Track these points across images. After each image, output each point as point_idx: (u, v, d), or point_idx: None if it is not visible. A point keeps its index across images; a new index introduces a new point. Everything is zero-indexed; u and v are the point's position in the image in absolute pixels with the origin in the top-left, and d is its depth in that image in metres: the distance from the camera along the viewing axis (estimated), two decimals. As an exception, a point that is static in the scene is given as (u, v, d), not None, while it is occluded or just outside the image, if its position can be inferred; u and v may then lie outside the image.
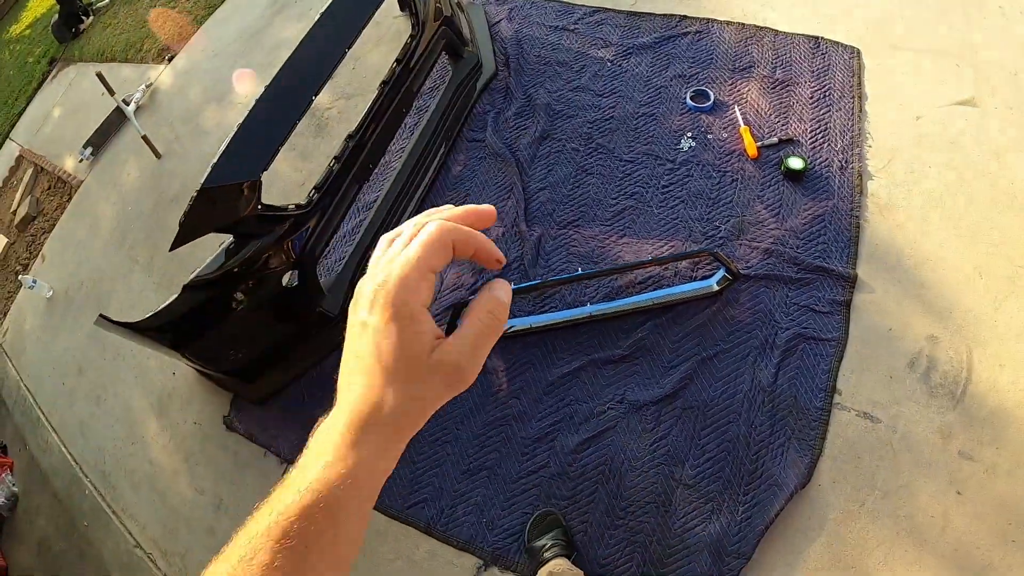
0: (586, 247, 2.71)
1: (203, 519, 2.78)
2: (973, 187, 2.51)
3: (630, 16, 3.41)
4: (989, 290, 2.31)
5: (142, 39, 5.19)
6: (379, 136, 2.76)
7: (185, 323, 2.48)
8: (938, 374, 2.21)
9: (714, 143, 2.85)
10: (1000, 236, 2.39)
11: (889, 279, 2.41)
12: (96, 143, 4.59)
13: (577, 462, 2.32)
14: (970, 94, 2.72)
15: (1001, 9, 2.93)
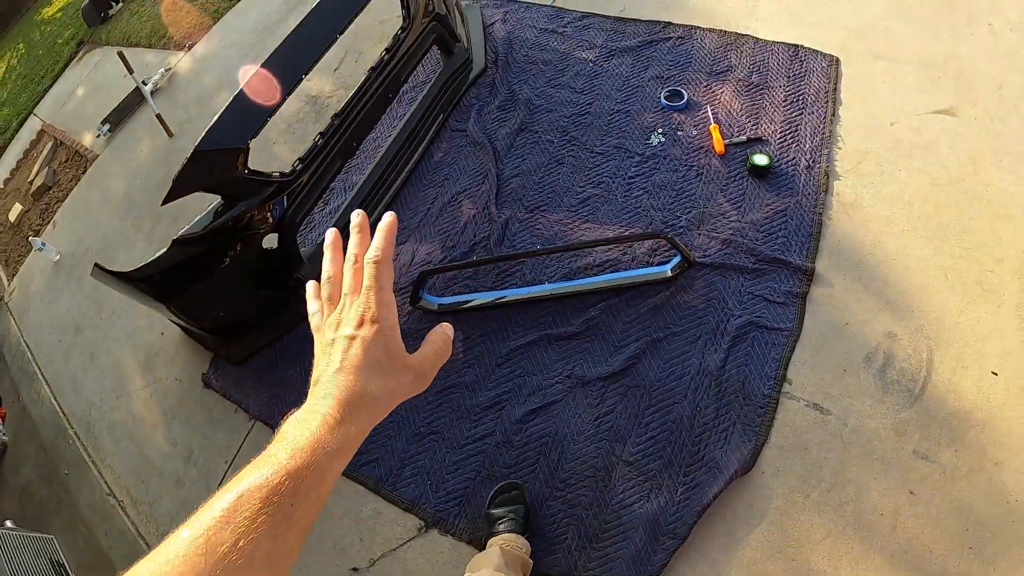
0: (550, 230, 2.83)
1: (173, 470, 2.91)
2: (945, 192, 2.56)
3: (616, 21, 3.56)
4: (955, 292, 2.33)
5: (166, 27, 5.45)
6: (364, 117, 2.92)
7: (172, 276, 2.63)
8: (895, 371, 2.22)
9: (683, 139, 2.96)
10: (971, 240, 2.42)
11: (849, 275, 2.46)
12: (114, 121, 4.82)
13: (522, 432, 2.40)
14: (950, 104, 2.79)
15: (990, 25, 3.01)
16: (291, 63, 2.71)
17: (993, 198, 2.51)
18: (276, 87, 2.65)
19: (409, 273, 2.88)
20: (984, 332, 2.23)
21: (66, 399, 3.52)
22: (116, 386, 3.36)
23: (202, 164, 2.46)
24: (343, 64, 4.00)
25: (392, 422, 2.56)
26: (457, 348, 2.62)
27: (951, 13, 3.10)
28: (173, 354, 3.28)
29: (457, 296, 2.73)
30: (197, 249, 2.60)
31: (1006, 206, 2.48)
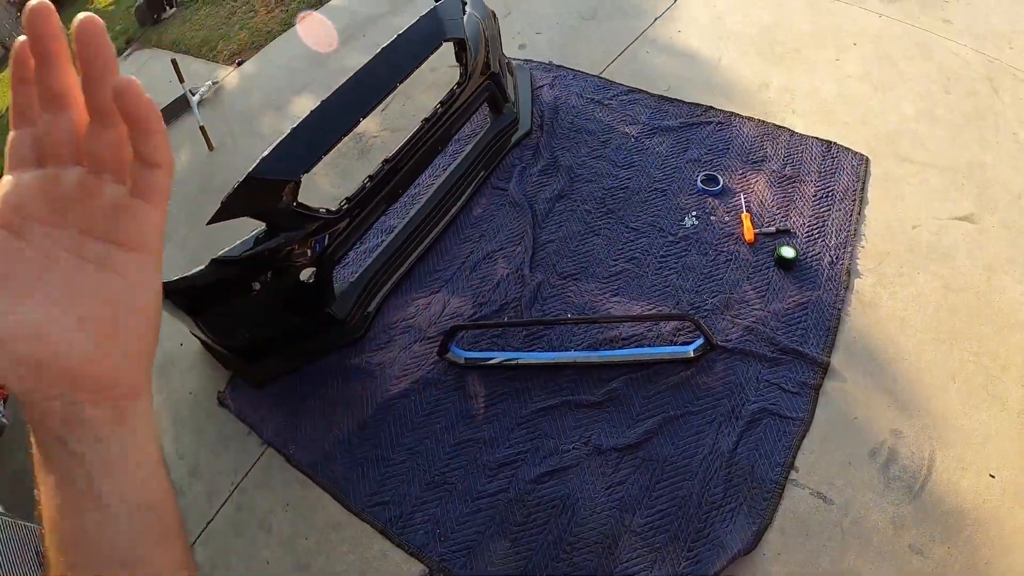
0: (581, 299, 2.92)
1: (176, 481, 2.88)
2: (959, 298, 2.67)
3: (660, 99, 3.72)
4: (961, 395, 2.42)
5: (218, 39, 5.57)
6: (412, 165, 3.03)
7: (206, 293, 2.69)
8: (898, 467, 2.30)
9: (715, 224, 3.07)
10: (979, 347, 2.52)
11: (862, 371, 2.54)
12: (155, 124, 4.91)
13: (535, 492, 2.46)
14: (970, 211, 2.92)
15: (1015, 135, 3.18)
16: (353, 103, 2.84)
17: (1004, 306, 2.62)
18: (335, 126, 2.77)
19: (439, 323, 2.96)
20: (985, 435, 2.32)
21: (71, 386, 3.52)
22: (126, 388, 3.38)
23: (253, 191, 2.55)
24: (390, 106, 4.12)
25: (407, 468, 2.61)
26: (479, 404, 2.70)
27: (979, 121, 3.28)
28: (190, 366, 3.31)
29: (483, 352, 2.80)
30: (234, 271, 2.66)
31: (1016, 315, 2.60)
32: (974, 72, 3.57)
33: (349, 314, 2.99)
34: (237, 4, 5.93)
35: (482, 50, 3.22)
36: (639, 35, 4.21)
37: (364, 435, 2.73)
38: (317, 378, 2.98)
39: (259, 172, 2.54)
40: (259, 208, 2.62)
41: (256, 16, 5.66)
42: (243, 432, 2.95)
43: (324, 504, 2.63)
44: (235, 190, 2.51)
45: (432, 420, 2.70)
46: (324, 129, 2.74)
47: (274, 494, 2.72)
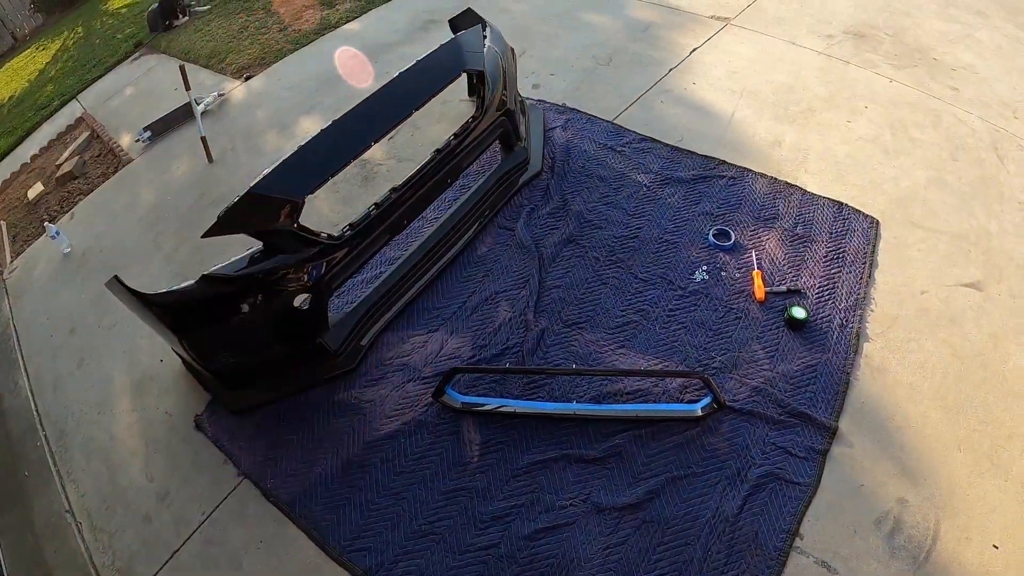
0: (585, 349, 2.83)
1: (143, 505, 2.78)
2: (966, 365, 2.65)
3: (674, 150, 3.70)
4: (967, 464, 2.38)
5: (228, 52, 5.54)
6: (420, 196, 2.97)
7: (192, 310, 2.57)
8: (903, 536, 2.25)
9: (726, 280, 3.02)
10: (986, 415, 2.50)
11: (870, 437, 2.49)
12: (156, 130, 4.84)
13: (528, 549, 2.34)
14: (977, 278, 2.93)
15: (1020, 204, 3.22)
16: (363, 127, 2.77)
17: (1009, 375, 2.60)
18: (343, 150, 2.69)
19: (435, 363, 2.86)
20: (990, 506, 2.28)
21: (44, 398, 3.39)
22: (100, 401, 3.24)
23: (254, 207, 2.46)
24: (398, 135, 4.07)
25: (392, 513, 2.48)
26: (473, 452, 2.58)
27: (985, 189, 3.31)
28: (169, 385, 3.18)
29: (481, 397, 2.69)
30: (225, 290, 2.55)
31: (1021, 384, 2.58)
32: (980, 141, 3.63)
33: (341, 346, 2.88)
34: (250, 19, 5.91)
35: (500, 85, 3.18)
36: (654, 84, 4.22)
37: (348, 475, 2.60)
38: (302, 410, 2.85)
39: (261, 188, 2.46)
40: (258, 226, 2.53)
41: (268, 33, 5.64)
42: (219, 460, 2.82)
43: (300, 545, 2.49)
44: (234, 205, 2.42)
45: (422, 465, 2.58)
46: (333, 151, 2.67)
47: (248, 529, 2.57)
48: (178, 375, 3.19)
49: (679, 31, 4.74)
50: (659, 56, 4.48)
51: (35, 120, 5.99)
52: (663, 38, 4.69)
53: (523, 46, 4.71)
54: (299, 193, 2.52)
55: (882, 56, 4.31)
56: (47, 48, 7.92)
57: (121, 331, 3.50)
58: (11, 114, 6.67)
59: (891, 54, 4.32)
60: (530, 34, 4.90)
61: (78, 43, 7.44)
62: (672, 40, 4.65)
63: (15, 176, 5.41)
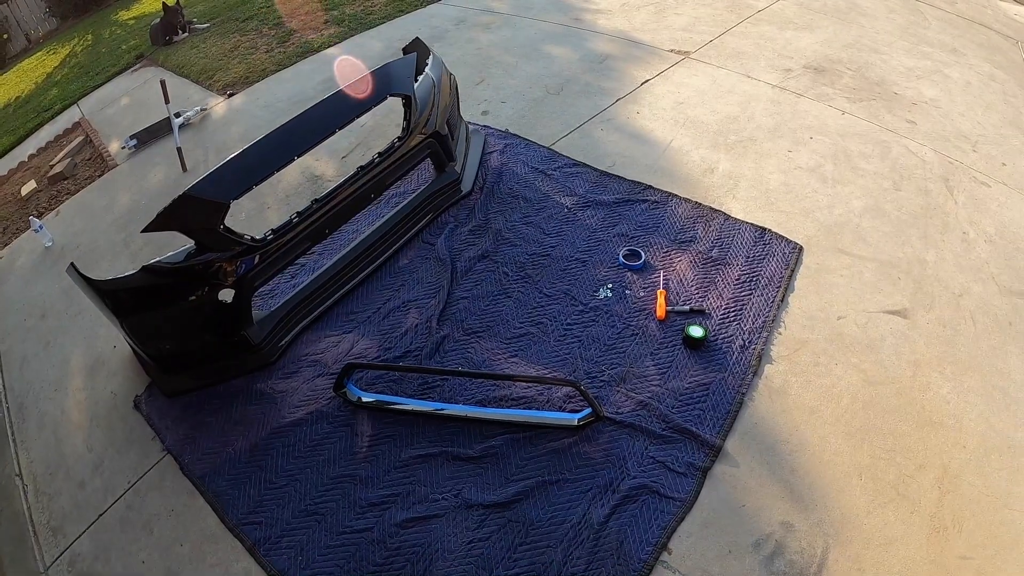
0: (480, 356, 3.06)
1: (80, 472, 3.06)
2: (877, 391, 2.63)
3: (603, 175, 3.92)
4: (867, 492, 2.33)
5: (216, 69, 5.92)
6: (341, 208, 3.25)
7: (132, 297, 2.88)
8: (784, 562, 2.19)
9: (629, 299, 3.16)
10: (895, 443, 2.46)
11: (758, 459, 2.47)
12: (142, 139, 5.21)
13: (398, 535, 2.50)
14: (904, 306, 2.93)
15: (964, 235, 3.24)
16: (293, 141, 3.05)
17: (928, 404, 2.58)
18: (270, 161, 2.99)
19: (344, 360, 3.13)
20: (889, 537, 2.22)
21: (11, 374, 3.72)
22: (58, 379, 3.56)
23: (186, 208, 2.76)
24: (351, 153, 4.37)
25: (284, 494, 2.73)
26: (363, 443, 2.83)
27: (927, 219, 3.36)
28: (117, 368, 3.49)
29: (378, 395, 2.95)
30: (161, 281, 2.85)
31: (939, 414, 2.55)
32: (930, 172, 3.70)
33: (263, 341, 3.17)
34: (243, 39, 6.30)
35: (428, 110, 3.46)
36: (598, 113, 4.47)
37: (254, 456, 2.87)
38: (224, 397, 3.13)
39: (194, 191, 2.76)
40: (189, 225, 2.82)
41: (256, 53, 6.01)
42: (149, 437, 3.09)
43: (205, 516, 2.74)
44: (170, 205, 2.72)
45: (317, 451, 2.83)
46: (260, 161, 2.96)
47: (163, 499, 2.85)
48: (126, 360, 3.49)
49: (635, 63, 4.98)
50: (609, 87, 4.73)
51: (37, 121, 6.41)
52: (618, 69, 4.94)
53: (482, 75, 5.02)
54: (226, 196, 2.82)
55: (839, 90, 4.42)
56: (57, 52, 8.38)
57: (84, 319, 3.83)
58: (16, 114, 7.11)
59: (849, 88, 4.44)
60: (490, 64, 5.21)
61: (86, 50, 7.89)
62: (626, 72, 4.89)
63: (12, 173, 5.81)
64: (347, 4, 6.55)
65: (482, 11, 6.15)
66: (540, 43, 5.46)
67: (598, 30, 5.57)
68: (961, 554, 2.18)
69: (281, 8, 6.71)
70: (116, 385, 3.41)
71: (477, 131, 4.30)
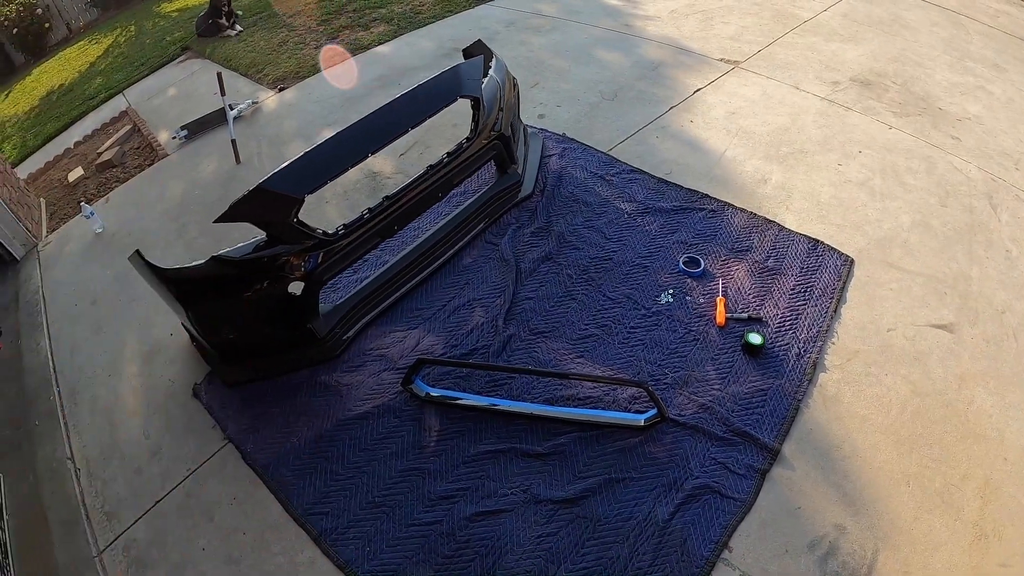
0: (546, 356, 3.06)
1: (137, 459, 3.07)
2: (925, 402, 2.67)
3: (660, 182, 3.94)
4: (914, 499, 2.39)
5: (266, 64, 5.96)
6: (411, 205, 3.26)
7: (200, 286, 2.89)
8: (837, 562, 2.25)
9: (690, 304, 3.20)
10: (941, 453, 2.51)
11: (813, 463, 2.53)
12: (192, 130, 5.23)
13: (467, 528, 2.53)
14: (950, 320, 2.97)
15: (1008, 252, 3.27)
16: (365, 138, 3.08)
17: (972, 417, 2.62)
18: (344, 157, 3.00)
19: (410, 356, 3.13)
20: (935, 542, 2.27)
21: (61, 358, 3.72)
22: (111, 365, 3.57)
23: (260, 201, 2.79)
24: (409, 152, 4.40)
25: (351, 485, 2.73)
26: (431, 437, 2.83)
27: (972, 235, 3.39)
28: (175, 356, 3.50)
29: (445, 390, 2.95)
30: (231, 271, 2.86)
31: (983, 426, 2.59)
32: (974, 189, 3.72)
33: (328, 334, 3.17)
34: (291, 35, 6.33)
35: (495, 112, 3.47)
36: (653, 120, 4.49)
37: (319, 447, 2.87)
38: (287, 388, 3.14)
39: (268, 185, 2.79)
40: (262, 217, 2.84)
41: (305, 49, 6.05)
42: (209, 425, 3.10)
43: (268, 505, 2.74)
44: (244, 197, 2.76)
45: (384, 444, 2.83)
46: (334, 158, 2.98)
47: (224, 487, 2.85)
48: (184, 348, 3.50)
49: (686, 72, 5.00)
50: (662, 94, 4.75)
51: (82, 109, 6.45)
52: (670, 77, 4.95)
53: (536, 78, 5.04)
54: (300, 191, 2.84)
55: (885, 104, 4.44)
56: (99, 42, 8.46)
57: (139, 306, 3.84)
58: (59, 101, 7.17)
59: (895, 102, 4.45)
60: (544, 68, 5.23)
61: (129, 41, 7.96)
62: (678, 80, 4.91)
63: (58, 159, 5.85)
64: (395, 3, 6.58)
65: (531, 14, 6.18)
66: (591, 48, 5.48)
67: (648, 36, 5.59)
68: (1001, 562, 2.24)
69: (329, 5, 6.74)
70: (174, 373, 3.41)
71: (535, 134, 4.31)
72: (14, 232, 4.63)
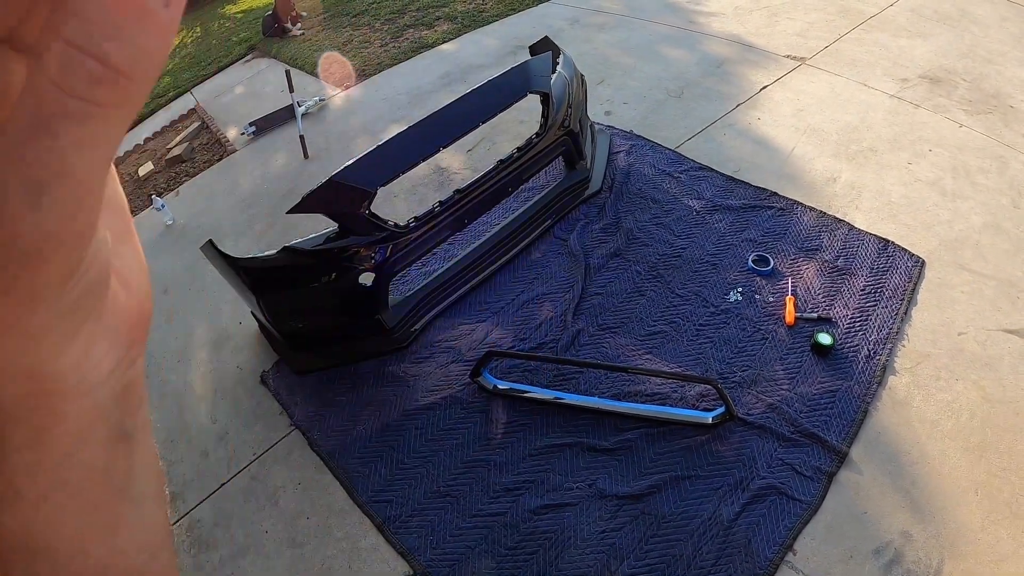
0: (615, 351, 3.02)
1: (204, 442, 3.12)
2: (995, 410, 2.59)
3: (728, 180, 3.86)
4: (982, 508, 2.32)
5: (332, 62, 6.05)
6: (482, 200, 3.25)
7: (272, 276, 2.93)
8: (902, 569, 2.21)
9: (759, 303, 3.14)
10: (1010, 462, 2.43)
11: (881, 468, 2.48)
12: (260, 126, 5.35)
13: (531, 521, 2.51)
14: (1022, 325, 2.87)
15: None
16: (435, 133, 3.08)
17: None
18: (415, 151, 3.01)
19: (478, 349, 3.12)
20: (1002, 553, 2.21)
21: (133, 344, 3.81)
22: (181, 351, 3.65)
23: (333, 193, 2.81)
24: (476, 148, 4.40)
25: (416, 474, 2.73)
26: (497, 430, 2.81)
27: None
28: (243, 344, 3.56)
29: (513, 383, 2.93)
30: (303, 261, 2.88)
31: None
32: None
33: (397, 325, 3.18)
34: (355, 34, 6.43)
35: (564, 107, 3.44)
36: (720, 117, 4.41)
37: (384, 436, 2.88)
38: (354, 378, 3.16)
39: (341, 177, 2.81)
40: (335, 209, 2.86)
41: (369, 47, 6.13)
42: (276, 412, 3.14)
43: (332, 491, 2.76)
44: (318, 188, 2.79)
45: (451, 435, 2.83)
46: (405, 151, 3.00)
47: (290, 472, 2.88)
48: (252, 337, 3.56)
49: (752, 68, 4.90)
50: (729, 91, 4.66)
51: (152, 107, 6.66)
52: (735, 74, 4.86)
53: (601, 75, 4.99)
54: (372, 184, 2.86)
55: (955, 101, 4.30)
56: (167, 44, 8.75)
57: (208, 295, 3.92)
58: (130, 99, 7.41)
59: (965, 99, 4.31)
60: (609, 64, 5.19)
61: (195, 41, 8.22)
62: (744, 76, 4.81)
63: (128, 155, 6.04)
64: (458, 2, 6.63)
65: (594, 11, 6.13)
66: (656, 44, 5.41)
67: (712, 33, 5.49)
68: None
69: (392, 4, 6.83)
70: (242, 360, 3.47)
71: (602, 131, 4.27)
72: (90, 222, 4.78)
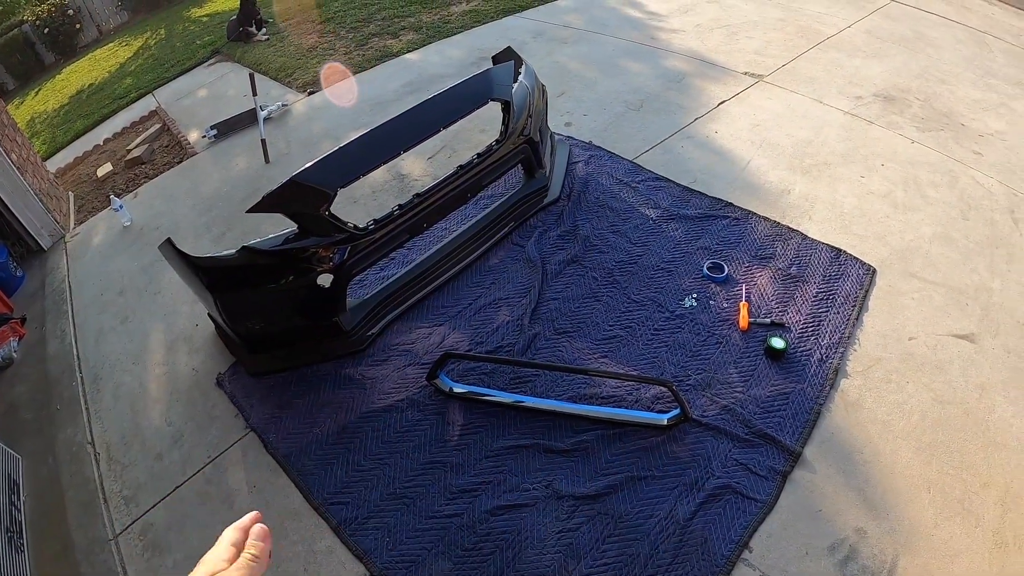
0: (571, 355, 3.06)
1: (158, 445, 3.09)
2: (946, 411, 2.67)
3: (685, 190, 3.95)
4: (935, 505, 2.38)
5: (295, 68, 6.05)
6: (441, 204, 3.29)
7: (229, 275, 2.92)
8: (857, 565, 2.25)
9: (713, 308, 3.20)
10: (961, 460, 2.50)
11: (834, 466, 2.53)
12: (222, 130, 5.31)
13: (488, 522, 2.52)
14: (971, 331, 2.97)
15: None
16: (397, 137, 3.11)
17: (993, 425, 2.62)
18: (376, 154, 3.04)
19: (435, 352, 3.14)
20: (955, 549, 2.26)
21: (86, 345, 3.77)
22: (136, 353, 3.60)
23: (293, 193, 2.82)
24: (437, 155, 4.44)
25: (373, 476, 2.73)
26: (454, 431, 2.83)
27: (993, 248, 3.38)
28: (199, 346, 3.53)
29: (470, 386, 2.96)
30: (261, 261, 2.88)
31: (1003, 435, 2.59)
32: (996, 203, 3.72)
33: (355, 328, 3.19)
34: (321, 40, 6.43)
35: (525, 116, 3.50)
36: (678, 130, 4.51)
37: (341, 438, 2.87)
38: (311, 380, 3.15)
39: (301, 178, 2.82)
40: (295, 209, 2.87)
41: (335, 55, 6.13)
42: (232, 414, 3.12)
43: (288, 493, 2.75)
44: (278, 188, 2.79)
45: (407, 438, 2.84)
46: (366, 154, 3.02)
47: (245, 475, 2.86)
48: (209, 339, 3.53)
49: (711, 83, 5.04)
50: (687, 105, 4.78)
51: (112, 108, 6.57)
52: (694, 89, 4.99)
53: (563, 87, 5.08)
54: (333, 185, 2.87)
55: (908, 119, 4.45)
56: (130, 44, 8.65)
57: (165, 297, 3.88)
58: (89, 100, 7.31)
59: (918, 117, 4.47)
60: (571, 77, 5.28)
61: (160, 43, 8.13)
62: (703, 91, 4.94)
63: (87, 155, 5.95)
64: (424, 12, 6.68)
65: (559, 26, 6.25)
66: (617, 59, 5.52)
67: (673, 49, 5.63)
68: (1021, 571, 2.23)
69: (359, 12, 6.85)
70: (198, 363, 3.44)
71: (562, 141, 4.34)
72: (43, 222, 4.70)
